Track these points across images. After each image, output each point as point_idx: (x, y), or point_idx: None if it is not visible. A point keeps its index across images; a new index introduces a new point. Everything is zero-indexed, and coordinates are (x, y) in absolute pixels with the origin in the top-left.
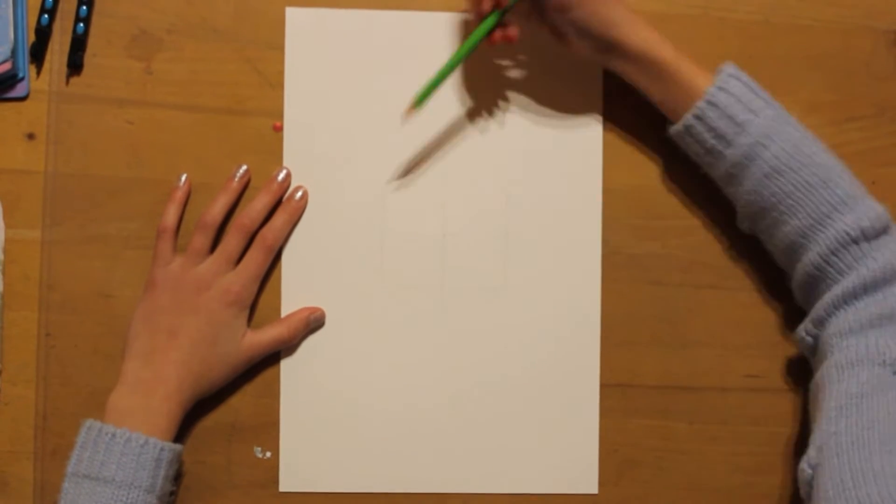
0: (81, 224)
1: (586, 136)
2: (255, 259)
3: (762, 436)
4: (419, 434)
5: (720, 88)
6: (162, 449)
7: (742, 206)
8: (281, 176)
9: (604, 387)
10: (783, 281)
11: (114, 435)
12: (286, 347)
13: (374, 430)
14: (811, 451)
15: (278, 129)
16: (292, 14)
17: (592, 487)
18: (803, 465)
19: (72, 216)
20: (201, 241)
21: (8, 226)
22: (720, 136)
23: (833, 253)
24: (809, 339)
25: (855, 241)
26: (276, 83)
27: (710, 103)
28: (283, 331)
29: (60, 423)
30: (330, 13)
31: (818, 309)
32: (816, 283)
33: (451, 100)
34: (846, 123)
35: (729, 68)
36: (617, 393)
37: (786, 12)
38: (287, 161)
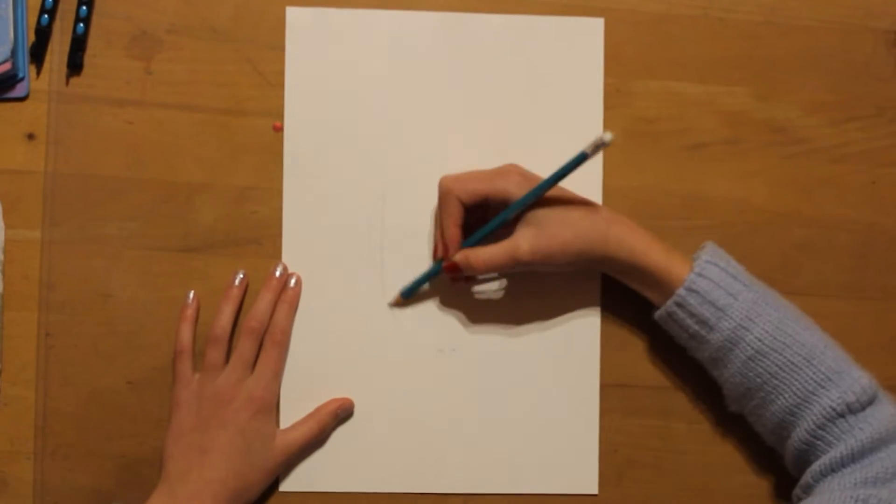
0: (81, 224)
1: (586, 136)
2: (271, 359)
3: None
4: (419, 434)
5: (699, 275)
6: None
7: (728, 389)
8: (279, 272)
9: (604, 387)
10: (783, 280)
11: None
12: (318, 443)
13: (375, 430)
14: None
15: (278, 129)
16: (292, 14)
17: (592, 488)
18: None
19: (72, 216)
20: (215, 354)
21: (8, 226)
22: (702, 322)
23: (820, 428)
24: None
25: (841, 416)
26: (276, 83)
27: (690, 290)
28: (314, 426)
29: (60, 423)
30: (330, 13)
31: (807, 475)
32: (806, 457)
33: (451, 100)
34: (846, 123)
35: (706, 254)
36: (617, 393)
37: (786, 12)
38: (287, 161)
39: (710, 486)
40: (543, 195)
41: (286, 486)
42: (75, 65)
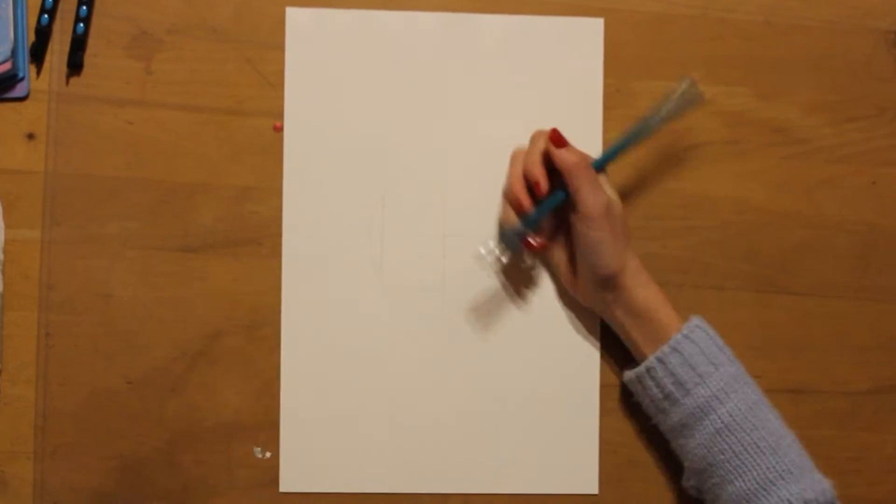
0: (81, 224)
1: (586, 136)
2: None
3: None
4: (420, 434)
5: (686, 337)
6: None
7: (690, 461)
8: None
9: (604, 387)
10: (783, 280)
11: None
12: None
13: (375, 431)
14: None
15: (278, 129)
16: (292, 14)
17: (593, 487)
18: None
19: (72, 216)
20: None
21: (8, 226)
22: (679, 384)
23: None
24: None
25: None
26: (276, 83)
27: (674, 350)
28: None
29: (60, 423)
30: (330, 13)
31: None
32: None
33: (450, 100)
34: (846, 123)
35: (696, 320)
36: (617, 393)
37: (786, 12)
38: (287, 161)
39: None
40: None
41: (286, 486)
42: (75, 65)
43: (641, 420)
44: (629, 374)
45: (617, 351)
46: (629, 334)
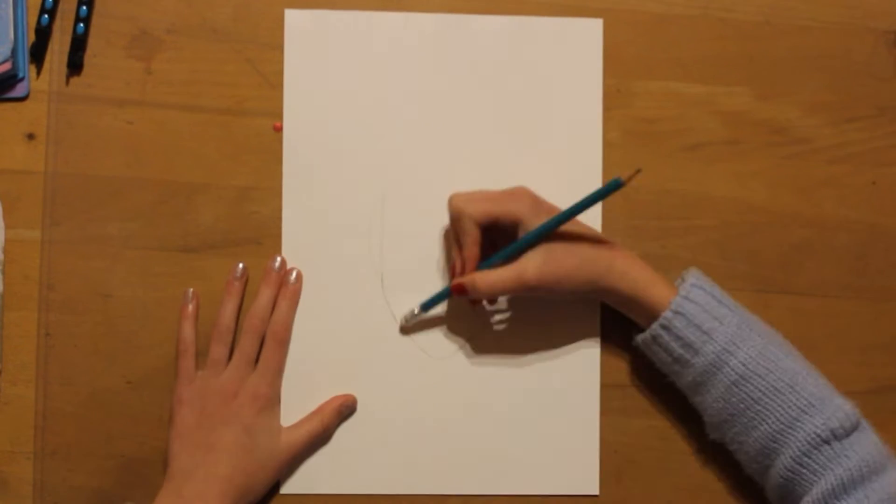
0: (81, 224)
1: (586, 135)
2: (273, 355)
3: None
4: (420, 435)
5: (685, 298)
6: None
7: (710, 415)
8: (277, 265)
9: (604, 387)
10: (783, 280)
11: None
12: (322, 441)
13: (375, 432)
14: None
15: (278, 129)
16: (291, 16)
17: (593, 488)
18: None
19: (72, 216)
20: (219, 350)
21: (8, 226)
22: (687, 345)
23: (805, 455)
24: None
25: (826, 442)
26: (276, 83)
27: (677, 313)
28: (318, 425)
29: (60, 423)
30: (329, 15)
31: None
32: (792, 486)
33: (451, 100)
34: (846, 123)
35: (692, 277)
36: (617, 393)
37: (786, 13)
38: (287, 161)
39: (710, 487)
40: (565, 223)
41: (287, 488)
42: (75, 65)
43: (641, 420)
44: (638, 339)
45: (617, 351)
46: (628, 314)
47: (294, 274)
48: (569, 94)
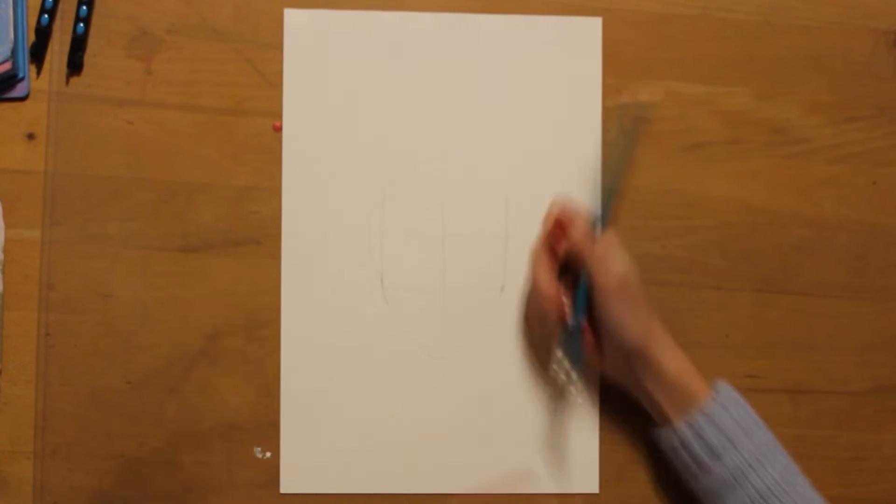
0: (81, 224)
1: (586, 136)
2: None
3: None
4: (419, 434)
5: (716, 402)
6: None
7: None
8: None
9: (604, 387)
10: (783, 280)
11: None
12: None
13: (375, 431)
14: None
15: (278, 129)
16: (290, 16)
17: (593, 487)
18: None
19: (72, 216)
20: None
21: (8, 226)
22: (710, 450)
23: None
24: None
25: None
26: (276, 83)
27: (705, 415)
28: None
29: (60, 423)
30: (328, 14)
31: None
32: None
33: (451, 100)
34: (846, 123)
35: (725, 385)
36: (617, 393)
37: (786, 13)
38: (287, 161)
39: None
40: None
41: (286, 487)
42: (75, 65)
43: (641, 420)
44: (658, 433)
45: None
46: (657, 403)
47: None
48: (568, 94)
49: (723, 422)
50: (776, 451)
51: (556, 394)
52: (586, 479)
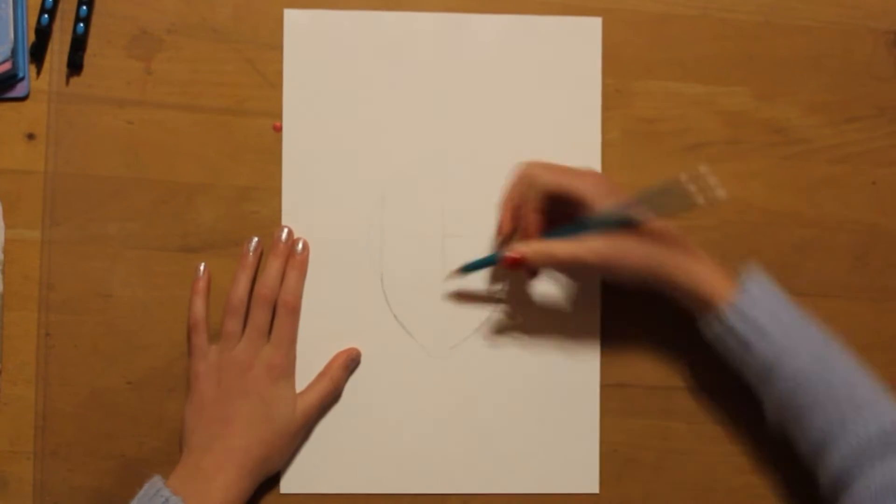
0: (81, 224)
1: (586, 136)
2: (286, 325)
3: (762, 436)
4: (420, 434)
5: (746, 292)
6: None
7: (769, 410)
8: (284, 236)
9: (604, 387)
10: (783, 280)
11: (167, 500)
12: (334, 399)
13: (375, 431)
14: None
15: (278, 129)
16: (290, 16)
17: (593, 487)
18: None
19: (72, 216)
20: (233, 323)
21: (8, 226)
22: (743, 342)
23: (857, 451)
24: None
25: (878, 437)
26: (275, 83)
27: (735, 309)
28: (328, 383)
29: (60, 423)
30: (328, 14)
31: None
32: (841, 483)
33: (451, 100)
34: (846, 124)
35: (753, 274)
36: (617, 393)
37: (786, 13)
38: (287, 161)
39: (710, 486)
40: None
41: (287, 488)
42: (75, 65)
43: (641, 420)
44: (706, 333)
45: (617, 351)
46: (689, 308)
47: (301, 244)
48: (568, 94)
49: (750, 312)
50: (809, 330)
51: (557, 393)
52: (586, 479)
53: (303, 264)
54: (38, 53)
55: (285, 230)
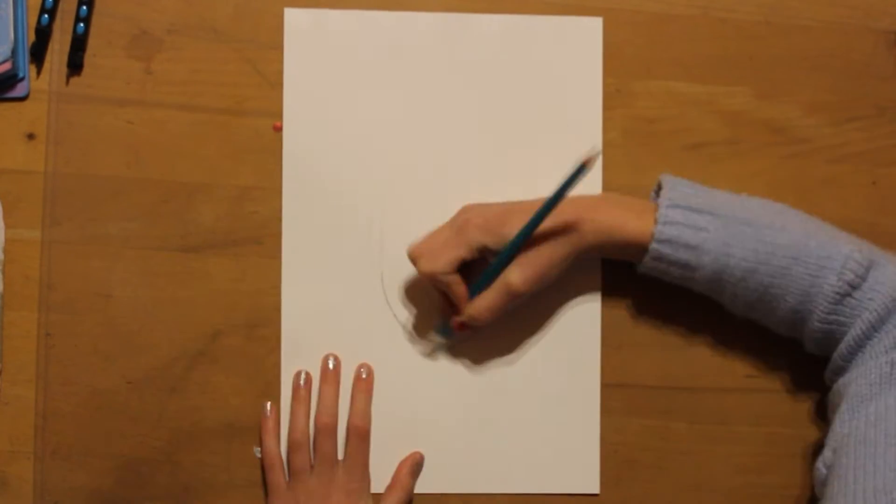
0: (81, 224)
1: (586, 137)
2: (359, 451)
3: (762, 436)
4: (419, 434)
5: (665, 223)
6: None
7: (733, 310)
8: (331, 364)
9: (604, 387)
10: None
11: None
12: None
13: (375, 432)
14: (826, 452)
15: (278, 129)
16: (290, 15)
17: (594, 487)
18: (819, 464)
19: (72, 216)
20: (301, 458)
21: (8, 226)
22: (684, 266)
23: (831, 314)
24: (832, 384)
25: (847, 295)
26: (276, 83)
27: (661, 241)
28: (400, 494)
29: (60, 423)
30: (328, 14)
31: (835, 359)
32: (827, 341)
33: (451, 100)
34: (846, 123)
35: (666, 197)
36: (617, 393)
37: (786, 13)
38: (287, 161)
39: (711, 486)
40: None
41: None
42: (75, 65)
43: (641, 420)
44: (640, 269)
45: (617, 351)
46: (628, 260)
47: (365, 370)
48: (569, 94)
49: (677, 236)
50: (739, 226)
51: (556, 394)
52: (586, 479)
53: (369, 389)
54: (38, 53)
55: (332, 360)
